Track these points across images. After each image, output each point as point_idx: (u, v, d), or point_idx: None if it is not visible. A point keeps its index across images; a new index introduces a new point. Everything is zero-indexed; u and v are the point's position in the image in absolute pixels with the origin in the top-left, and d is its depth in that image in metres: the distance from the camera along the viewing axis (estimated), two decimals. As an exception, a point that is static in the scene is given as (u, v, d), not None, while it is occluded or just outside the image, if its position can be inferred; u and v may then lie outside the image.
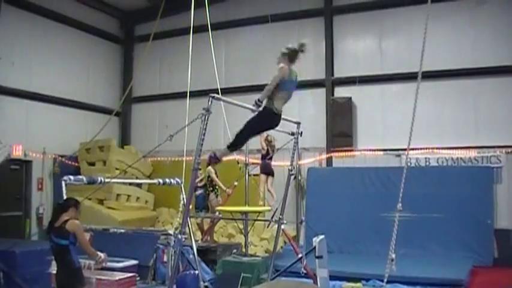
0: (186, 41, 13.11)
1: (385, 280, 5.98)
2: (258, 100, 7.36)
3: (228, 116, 12.78)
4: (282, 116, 7.81)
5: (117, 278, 7.85)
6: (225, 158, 8.07)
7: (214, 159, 7.88)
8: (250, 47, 17.62)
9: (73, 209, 6.59)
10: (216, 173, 13.45)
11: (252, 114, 7.53)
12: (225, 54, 17.50)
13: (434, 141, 14.44)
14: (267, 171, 12.81)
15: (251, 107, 7.45)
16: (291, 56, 7.75)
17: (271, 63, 15.73)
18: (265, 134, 12.54)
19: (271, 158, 12.75)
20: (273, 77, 7.46)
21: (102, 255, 6.83)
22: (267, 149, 12.65)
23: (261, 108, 7.38)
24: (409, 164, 6.61)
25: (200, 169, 13.31)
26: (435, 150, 14.56)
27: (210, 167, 13.31)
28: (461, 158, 14.43)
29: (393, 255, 5.80)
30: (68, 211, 6.52)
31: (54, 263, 7.62)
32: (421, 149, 14.32)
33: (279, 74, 7.47)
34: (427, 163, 14.70)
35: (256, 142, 14.10)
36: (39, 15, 16.20)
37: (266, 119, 7.63)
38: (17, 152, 15.06)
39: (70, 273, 6.44)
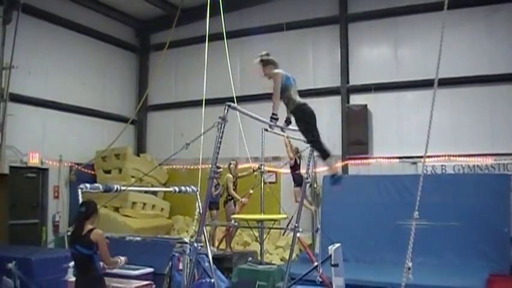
0: (201, 49, 13.17)
1: (402, 289, 5.94)
2: (273, 114, 7.47)
3: (244, 123, 12.80)
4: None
5: (133, 285, 7.86)
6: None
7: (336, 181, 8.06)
8: (265, 55, 17.63)
9: (95, 215, 6.60)
10: (235, 181, 13.46)
11: (295, 123, 7.80)
12: (240, 62, 17.52)
13: (450, 148, 14.34)
14: (301, 182, 12.68)
15: (261, 118, 7.53)
16: (272, 60, 8.29)
17: (286, 72, 15.79)
18: (294, 144, 12.56)
19: (299, 168, 12.72)
20: (273, 88, 7.56)
21: (123, 258, 6.85)
22: (295, 160, 12.62)
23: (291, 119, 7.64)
24: (425, 171, 6.57)
25: (221, 175, 13.37)
26: (451, 158, 14.47)
27: (229, 175, 13.35)
28: (477, 166, 14.32)
29: (410, 264, 5.77)
30: (91, 218, 6.53)
31: (70, 270, 7.67)
32: (437, 156, 14.23)
33: (278, 80, 7.73)
34: (443, 171, 14.60)
35: (271, 150, 14.17)
36: (55, 24, 16.36)
37: (306, 113, 7.80)
38: (34, 160, 15.17)
39: (94, 280, 6.46)
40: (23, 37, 14.54)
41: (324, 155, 7.73)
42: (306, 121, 7.75)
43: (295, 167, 12.85)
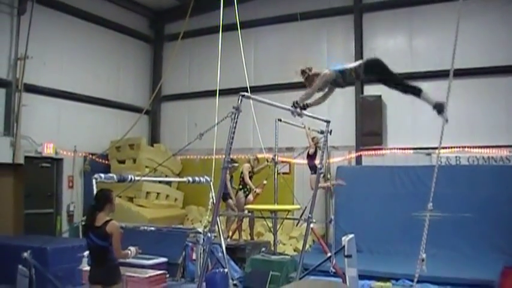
0: (215, 39, 13.15)
1: (416, 280, 5.94)
2: (296, 102, 7.45)
3: (257, 114, 12.79)
4: (311, 114, 7.91)
5: (147, 275, 7.91)
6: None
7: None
8: (279, 45, 17.62)
9: (109, 205, 6.60)
10: (252, 170, 13.45)
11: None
12: (254, 52, 17.50)
13: (465, 139, 14.24)
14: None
15: (281, 105, 7.51)
16: (316, 73, 8.24)
17: (300, 62, 15.72)
18: (312, 134, 12.53)
19: (315, 157, 12.66)
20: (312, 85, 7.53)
21: (133, 249, 6.87)
22: (316, 149, 12.58)
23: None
24: (439, 163, 6.55)
25: (236, 169, 13.37)
26: (466, 149, 14.38)
27: (246, 164, 13.36)
28: (492, 157, 14.24)
29: (424, 255, 5.76)
30: (105, 208, 6.54)
31: (85, 260, 7.72)
32: (452, 147, 14.14)
33: (318, 82, 7.80)
34: (458, 162, 14.53)
35: (285, 140, 14.18)
36: (70, 14, 16.38)
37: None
38: (48, 150, 15.26)
39: (110, 270, 6.48)
40: (37, 28, 14.61)
41: (415, 91, 7.70)
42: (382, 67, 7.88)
43: (313, 156, 12.80)
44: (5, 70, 14.42)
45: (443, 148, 13.44)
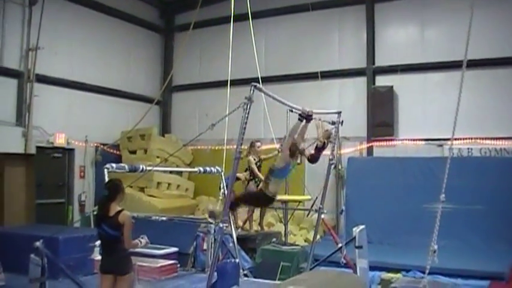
0: (226, 30, 13.14)
1: (427, 271, 5.93)
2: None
3: (268, 104, 12.76)
4: (323, 108, 7.94)
5: (159, 264, 7.94)
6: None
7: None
8: (290, 35, 17.55)
9: (121, 195, 6.63)
10: (258, 163, 13.42)
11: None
12: (265, 43, 17.45)
13: (477, 131, 14.15)
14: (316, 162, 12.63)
15: (291, 104, 7.60)
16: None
17: (311, 53, 15.77)
18: (326, 127, 12.49)
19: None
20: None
21: (143, 240, 6.90)
22: (324, 142, 12.50)
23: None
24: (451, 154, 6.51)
25: (242, 158, 13.33)
26: (478, 141, 14.31)
27: (250, 157, 13.32)
28: (504, 149, 14.13)
29: (435, 247, 5.74)
30: (117, 198, 6.56)
31: (96, 249, 7.76)
32: (464, 139, 14.07)
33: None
34: (470, 153, 14.45)
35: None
36: (81, 5, 16.39)
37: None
38: (60, 140, 15.32)
39: (121, 259, 6.52)
40: (48, 18, 14.63)
41: None
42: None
43: (321, 149, 12.71)
44: (17, 61, 14.46)
45: (456, 139, 13.39)
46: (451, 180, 6.02)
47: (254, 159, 13.27)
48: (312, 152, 11.98)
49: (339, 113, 9.57)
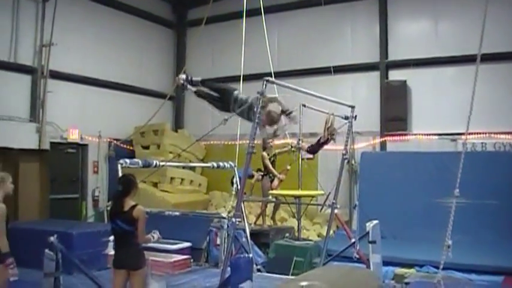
0: (238, 25, 13.12)
1: (441, 267, 5.90)
2: None
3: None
4: (336, 100, 7.89)
5: (172, 259, 7.94)
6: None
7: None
8: (303, 30, 17.52)
9: (135, 190, 6.65)
10: (271, 157, 13.44)
11: None
12: (278, 37, 17.42)
13: (491, 125, 14.05)
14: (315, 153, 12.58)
15: (307, 91, 7.53)
16: None
17: (323, 47, 15.72)
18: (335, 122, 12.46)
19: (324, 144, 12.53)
20: None
21: (155, 236, 6.92)
22: (327, 139, 12.47)
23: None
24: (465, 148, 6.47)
25: (255, 153, 13.34)
26: (492, 135, 14.22)
27: (263, 153, 13.33)
28: (519, 143, 14.07)
29: (449, 242, 5.72)
30: (131, 193, 6.58)
31: (110, 244, 7.77)
32: (477, 133, 13.99)
33: None
34: (483, 148, 14.36)
35: (309, 126, 14.11)
36: (93, 1, 16.47)
37: None
38: (73, 136, 15.41)
39: (135, 254, 6.54)
40: (61, 14, 14.68)
41: None
42: None
43: (322, 145, 12.65)
44: (31, 57, 14.55)
45: (469, 134, 13.28)
46: (464, 175, 5.99)
47: (268, 154, 13.31)
48: (313, 144, 11.97)
49: (352, 107, 9.52)
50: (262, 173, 13.63)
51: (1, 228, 6.38)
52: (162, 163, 9.92)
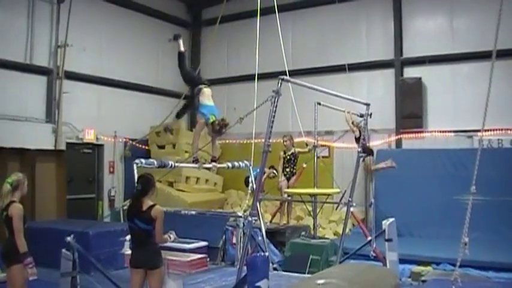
0: (253, 23, 13.09)
1: (458, 264, 5.88)
2: None
3: (296, 97, 12.73)
4: (351, 98, 7.85)
5: (189, 258, 7.95)
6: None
7: None
8: (317, 28, 17.48)
9: (153, 190, 6.68)
10: (288, 156, 13.49)
11: None
12: (292, 36, 17.40)
13: (507, 122, 13.91)
14: (368, 152, 12.53)
15: (320, 88, 7.50)
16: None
17: (338, 45, 15.67)
18: (353, 118, 12.47)
19: (364, 139, 12.56)
20: None
21: (172, 235, 6.94)
22: (360, 132, 12.48)
23: None
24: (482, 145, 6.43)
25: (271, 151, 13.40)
26: (508, 132, 14.11)
27: (281, 152, 13.42)
28: (536, 140, 13.95)
29: (466, 239, 5.69)
30: (149, 193, 6.61)
31: (127, 243, 7.80)
32: (494, 130, 13.88)
33: None
34: (500, 145, 14.26)
35: (324, 124, 14.12)
36: (108, 2, 16.55)
37: None
38: (89, 136, 15.50)
39: (152, 254, 6.57)
40: (76, 15, 14.78)
41: None
42: None
43: (359, 138, 12.68)
44: (46, 58, 14.65)
45: (486, 131, 13.23)
46: (481, 172, 5.96)
47: (284, 153, 13.38)
48: (363, 144, 11.85)
49: (368, 105, 9.50)
50: (274, 171, 13.71)
51: (19, 228, 6.43)
52: (177, 164, 9.95)
